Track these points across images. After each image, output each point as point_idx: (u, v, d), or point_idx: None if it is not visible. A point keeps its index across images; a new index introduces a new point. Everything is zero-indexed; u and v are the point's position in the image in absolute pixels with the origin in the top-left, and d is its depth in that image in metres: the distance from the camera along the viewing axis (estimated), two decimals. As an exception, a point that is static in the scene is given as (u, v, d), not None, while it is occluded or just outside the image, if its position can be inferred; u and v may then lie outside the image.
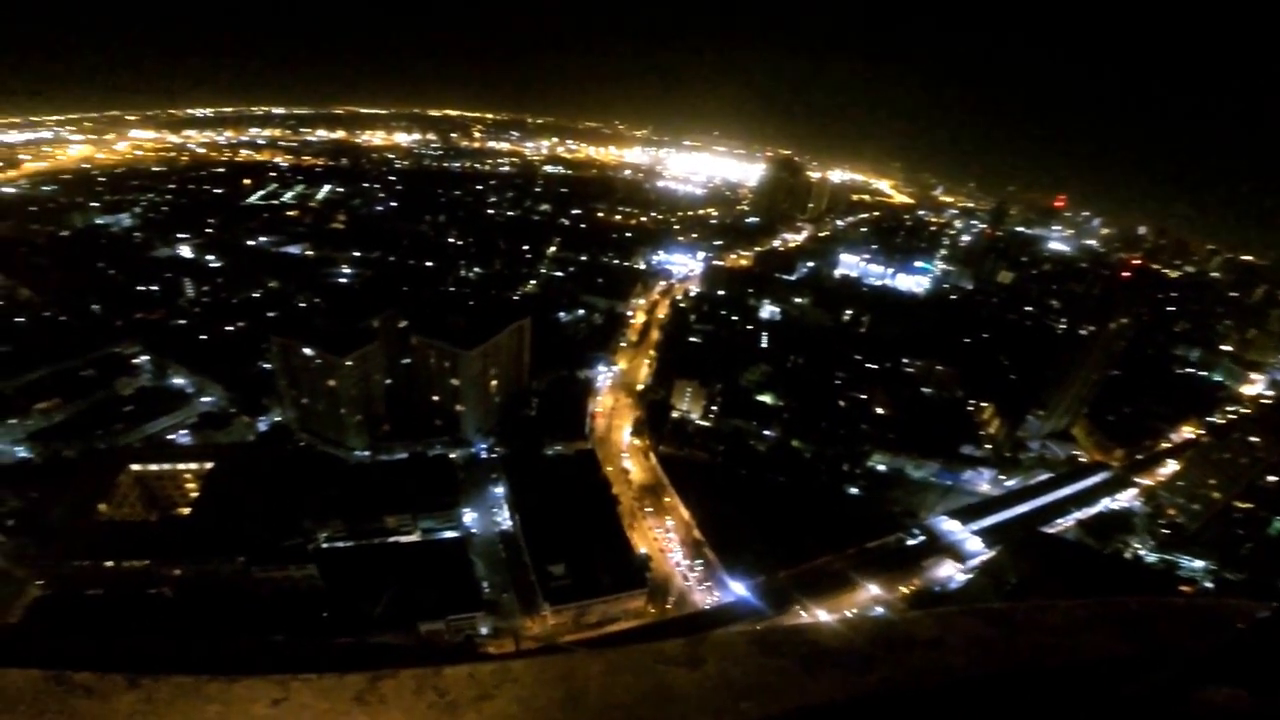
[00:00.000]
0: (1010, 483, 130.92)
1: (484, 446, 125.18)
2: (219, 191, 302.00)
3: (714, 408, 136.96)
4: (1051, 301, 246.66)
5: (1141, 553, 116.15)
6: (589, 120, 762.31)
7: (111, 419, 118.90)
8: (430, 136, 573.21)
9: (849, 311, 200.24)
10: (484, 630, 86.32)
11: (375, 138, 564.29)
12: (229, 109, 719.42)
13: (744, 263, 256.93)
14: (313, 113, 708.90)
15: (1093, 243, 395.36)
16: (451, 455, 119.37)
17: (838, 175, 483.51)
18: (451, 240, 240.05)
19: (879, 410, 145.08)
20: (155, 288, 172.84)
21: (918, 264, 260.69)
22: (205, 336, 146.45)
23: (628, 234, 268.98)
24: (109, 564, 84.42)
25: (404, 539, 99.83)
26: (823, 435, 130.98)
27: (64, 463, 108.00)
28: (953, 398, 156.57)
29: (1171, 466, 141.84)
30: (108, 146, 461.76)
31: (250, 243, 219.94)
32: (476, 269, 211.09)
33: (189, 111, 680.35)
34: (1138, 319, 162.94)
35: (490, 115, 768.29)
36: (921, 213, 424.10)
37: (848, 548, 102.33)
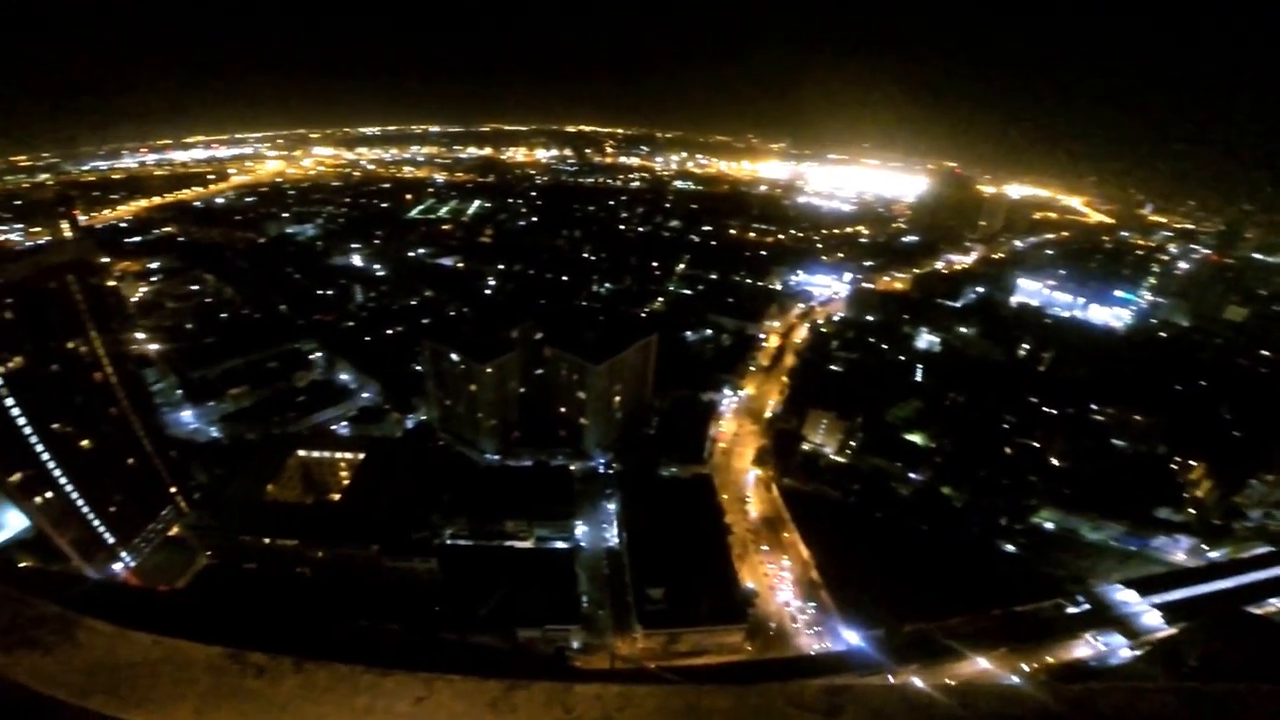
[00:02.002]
0: (1215, 554, 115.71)
1: (602, 461, 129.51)
2: (385, 206, 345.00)
3: (852, 443, 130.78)
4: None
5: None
6: (720, 134, 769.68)
7: (287, 408, 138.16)
8: (567, 152, 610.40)
9: (1026, 345, 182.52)
10: (575, 644, 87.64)
11: (518, 154, 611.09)
12: (393, 127, 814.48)
13: (899, 286, 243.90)
14: (463, 130, 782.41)
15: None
16: (571, 467, 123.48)
17: (1017, 190, 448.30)
18: (585, 255, 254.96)
19: (1053, 461, 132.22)
20: (331, 292, 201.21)
21: (1117, 294, 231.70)
22: (369, 338, 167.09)
23: (763, 252, 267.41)
24: (266, 541, 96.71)
25: (518, 544, 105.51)
26: (980, 484, 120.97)
27: (245, 444, 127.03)
28: (1151, 453, 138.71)
29: None
30: (296, 162, 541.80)
31: (411, 254, 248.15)
32: (608, 284, 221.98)
33: (361, 130, 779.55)
34: None
35: (621, 130, 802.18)
36: (1124, 234, 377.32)
37: (992, 609, 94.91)
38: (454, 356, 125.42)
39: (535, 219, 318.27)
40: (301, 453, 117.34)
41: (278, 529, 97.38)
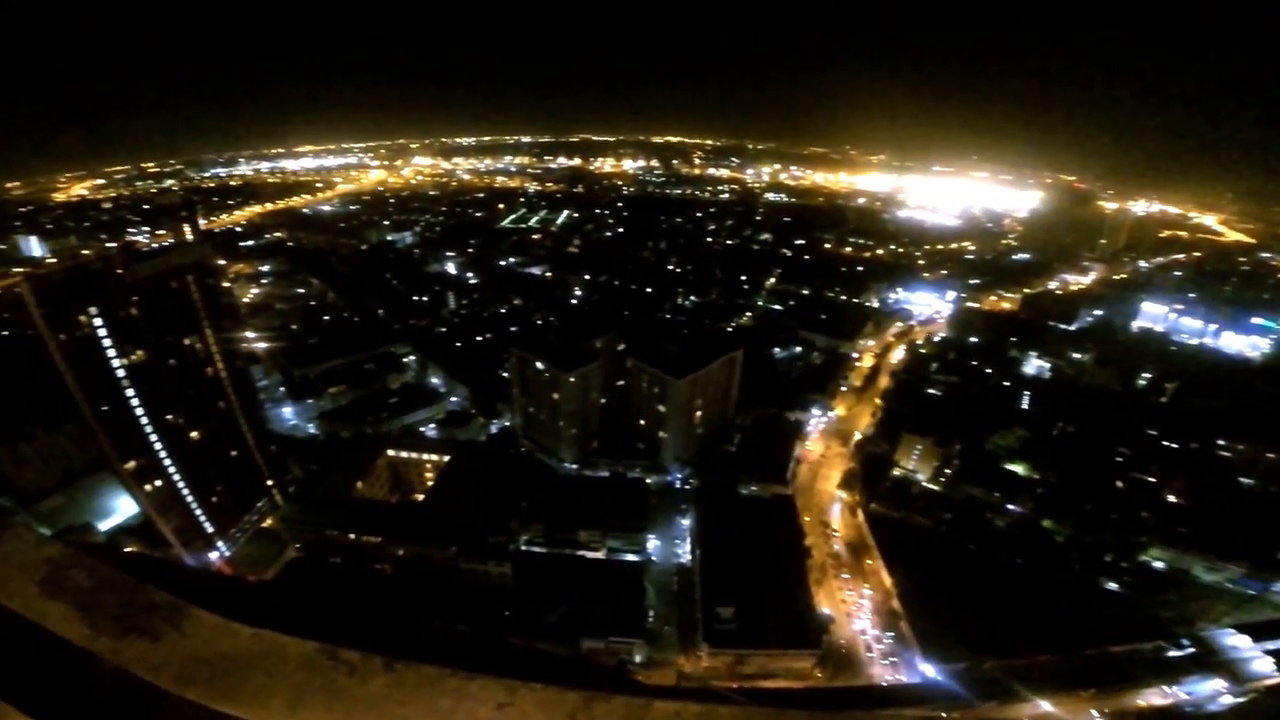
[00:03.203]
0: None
1: (679, 476, 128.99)
2: (479, 215, 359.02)
3: (947, 470, 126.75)
4: None
5: None
6: (815, 145, 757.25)
7: (380, 408, 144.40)
8: (654, 163, 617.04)
9: (1147, 375, 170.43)
10: (638, 658, 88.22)
11: (605, 164, 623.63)
12: (487, 138, 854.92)
13: (1007, 306, 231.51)
14: (553, 140, 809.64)
15: None
16: (648, 480, 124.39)
17: (1142, 206, 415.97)
18: (671, 267, 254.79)
19: (1170, 498, 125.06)
20: (426, 298, 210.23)
21: (1255, 320, 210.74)
22: (460, 344, 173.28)
23: (859, 267, 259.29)
24: (352, 537, 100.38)
25: (590, 554, 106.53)
26: (1086, 518, 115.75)
27: (339, 442, 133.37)
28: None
29: None
30: (396, 172, 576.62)
31: (501, 263, 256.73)
32: (693, 297, 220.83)
33: (457, 140, 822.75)
34: None
35: (710, 141, 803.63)
36: (1265, 255, 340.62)
37: (1086, 648, 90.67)
38: (539, 365, 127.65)
39: (621, 230, 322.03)
40: (391, 452, 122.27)
41: (364, 526, 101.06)
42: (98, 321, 79.77)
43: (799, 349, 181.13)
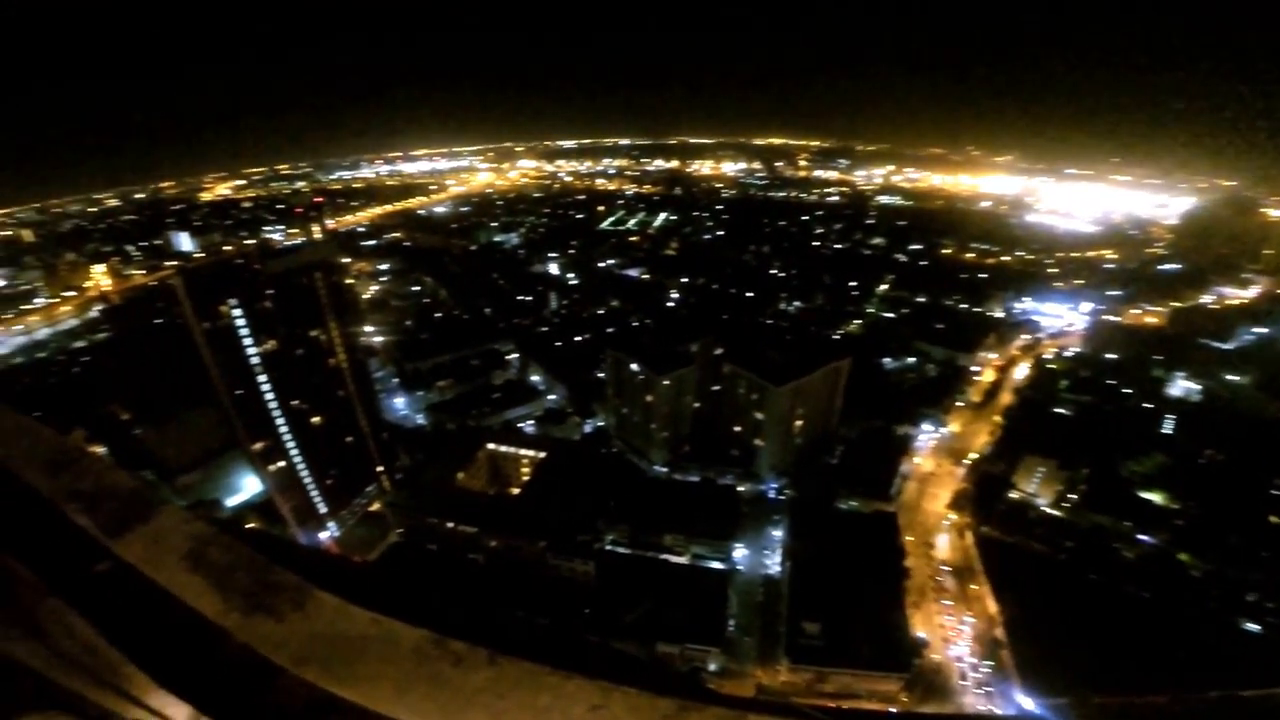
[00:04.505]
0: None
1: (774, 486, 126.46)
2: (580, 217, 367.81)
3: (1072, 495, 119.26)
4: None
5: None
6: (932, 146, 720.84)
7: (483, 403, 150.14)
8: (755, 165, 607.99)
9: None
10: (712, 666, 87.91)
11: (704, 167, 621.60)
12: (587, 140, 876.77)
13: (1151, 320, 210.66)
14: (651, 143, 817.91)
15: None
16: (740, 488, 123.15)
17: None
18: (773, 272, 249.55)
19: None
20: (529, 298, 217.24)
21: None
22: (559, 343, 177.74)
23: (982, 275, 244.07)
24: (450, 525, 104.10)
25: (674, 559, 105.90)
26: (1230, 553, 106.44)
27: (444, 433, 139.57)
28: None
29: None
30: (503, 174, 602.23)
31: (600, 264, 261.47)
32: (797, 303, 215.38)
33: (559, 143, 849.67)
34: None
35: (816, 143, 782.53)
36: None
37: (1210, 689, 79.46)
38: (633, 366, 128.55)
39: (721, 233, 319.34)
40: (491, 446, 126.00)
41: (462, 515, 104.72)
42: (237, 313, 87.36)
43: (912, 360, 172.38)
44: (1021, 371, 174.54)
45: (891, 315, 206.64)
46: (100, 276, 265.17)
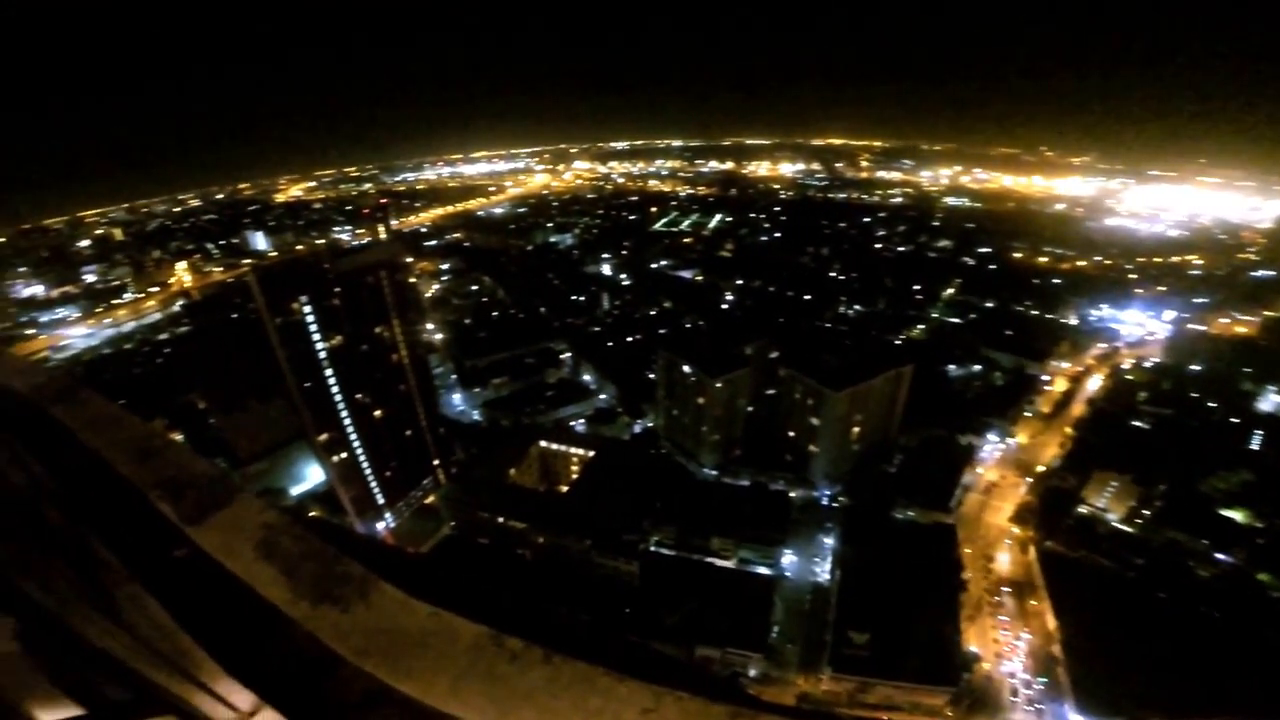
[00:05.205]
0: None
1: (828, 493, 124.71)
2: (633, 218, 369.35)
3: (1145, 511, 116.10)
4: None
5: None
6: (1003, 146, 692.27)
7: (537, 400, 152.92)
8: (814, 166, 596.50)
9: None
10: (752, 672, 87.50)
11: (760, 168, 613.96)
12: (640, 142, 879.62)
13: (1241, 330, 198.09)
14: (705, 145, 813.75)
15: None
16: (791, 494, 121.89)
17: None
18: (833, 274, 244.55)
19: None
20: (583, 298, 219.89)
21: None
22: (612, 343, 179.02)
23: (1056, 280, 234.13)
24: (500, 520, 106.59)
25: (720, 562, 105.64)
26: None
27: (498, 430, 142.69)
28: None
29: None
30: (558, 176, 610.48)
31: (653, 265, 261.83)
32: (857, 306, 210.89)
33: (612, 145, 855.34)
34: None
35: (878, 143, 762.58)
36: None
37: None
38: (686, 368, 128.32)
39: (778, 234, 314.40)
40: (542, 443, 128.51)
41: (512, 511, 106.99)
42: (307, 309, 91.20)
43: (978, 367, 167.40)
44: (1096, 382, 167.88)
45: (958, 320, 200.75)
46: (183, 273, 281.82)
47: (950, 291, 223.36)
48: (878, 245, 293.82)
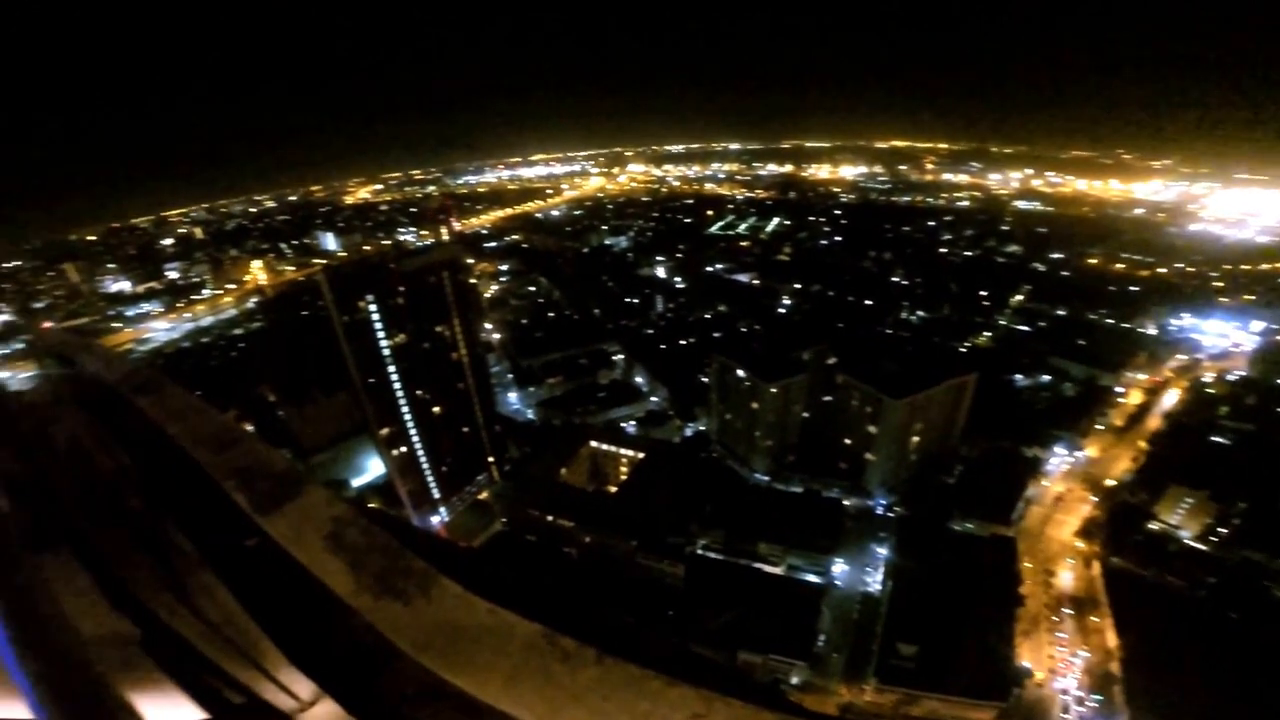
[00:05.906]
0: None
1: (883, 502, 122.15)
2: (688, 221, 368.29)
3: (1221, 529, 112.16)
4: None
5: None
6: (1078, 148, 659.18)
7: (589, 401, 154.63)
8: (877, 169, 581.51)
9: None
10: (794, 680, 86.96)
11: (820, 171, 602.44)
12: (696, 145, 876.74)
13: None
14: (763, 148, 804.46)
15: None
16: (845, 502, 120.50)
17: None
18: (896, 279, 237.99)
19: None
20: (636, 300, 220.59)
21: None
22: (665, 346, 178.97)
23: (1133, 288, 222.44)
24: (549, 518, 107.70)
25: (768, 568, 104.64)
26: None
27: (551, 428, 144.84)
28: None
29: None
30: (613, 179, 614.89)
31: (709, 269, 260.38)
32: (920, 312, 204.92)
33: (667, 148, 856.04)
34: None
35: (944, 145, 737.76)
36: None
37: None
38: (740, 373, 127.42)
39: (839, 238, 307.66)
40: (593, 444, 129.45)
41: (562, 509, 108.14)
42: (373, 308, 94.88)
43: (1047, 377, 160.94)
44: (1174, 395, 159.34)
45: (1026, 328, 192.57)
46: (258, 271, 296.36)
47: (1019, 298, 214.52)
48: (943, 250, 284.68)
